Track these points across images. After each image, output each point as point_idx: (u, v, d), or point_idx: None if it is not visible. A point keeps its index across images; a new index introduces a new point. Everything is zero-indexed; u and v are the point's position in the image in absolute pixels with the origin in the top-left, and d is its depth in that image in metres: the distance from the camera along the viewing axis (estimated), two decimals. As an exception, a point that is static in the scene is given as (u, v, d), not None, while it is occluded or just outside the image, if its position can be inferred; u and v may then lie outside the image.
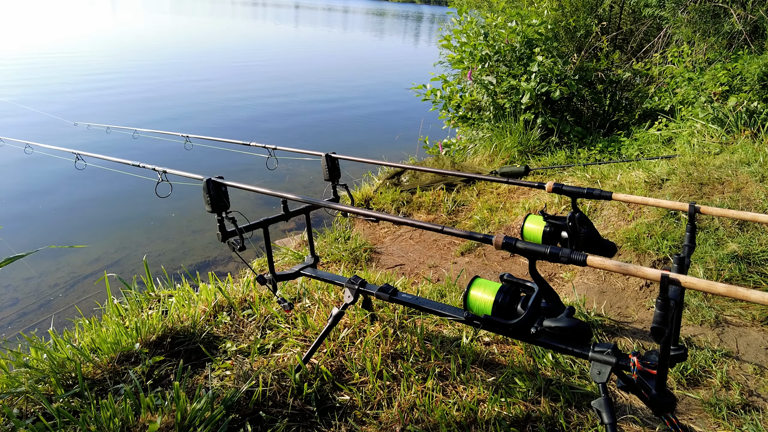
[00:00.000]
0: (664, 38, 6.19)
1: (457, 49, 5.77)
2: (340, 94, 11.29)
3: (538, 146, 5.17)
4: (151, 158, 2.01)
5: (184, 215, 4.77)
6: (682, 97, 5.01)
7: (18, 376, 1.81)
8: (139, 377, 1.81)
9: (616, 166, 4.18)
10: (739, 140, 4.17)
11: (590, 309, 2.45)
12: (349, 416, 1.69)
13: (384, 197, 4.39)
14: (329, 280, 1.91)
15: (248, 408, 1.68)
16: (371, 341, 1.99)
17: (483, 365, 1.94)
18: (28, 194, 5.16)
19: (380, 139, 7.97)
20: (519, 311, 1.39)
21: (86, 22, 22.59)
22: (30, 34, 16.82)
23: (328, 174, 2.08)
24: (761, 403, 1.84)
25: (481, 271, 3.20)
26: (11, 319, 3.31)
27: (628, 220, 3.23)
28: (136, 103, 8.87)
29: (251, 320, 2.22)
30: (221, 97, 9.83)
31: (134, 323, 2.07)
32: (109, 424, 1.51)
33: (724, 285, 1.03)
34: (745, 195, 3.17)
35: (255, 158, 2.67)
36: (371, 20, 42.33)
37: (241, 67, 13.74)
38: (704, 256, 2.70)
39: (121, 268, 3.89)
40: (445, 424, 1.61)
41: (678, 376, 1.95)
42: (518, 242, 1.24)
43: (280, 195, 1.60)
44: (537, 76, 5.11)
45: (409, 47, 24.14)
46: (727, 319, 2.34)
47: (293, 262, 3.27)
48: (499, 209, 4.05)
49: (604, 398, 1.21)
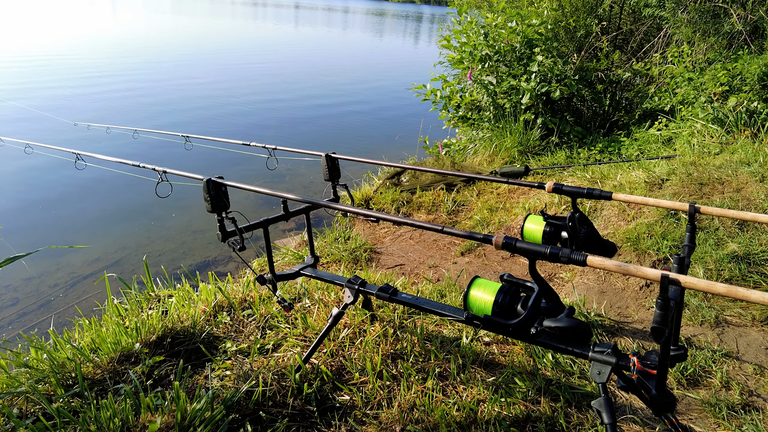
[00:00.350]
0: (664, 38, 6.19)
1: (457, 49, 5.77)
2: (341, 94, 11.29)
3: (538, 146, 5.17)
4: (152, 158, 2.01)
5: (184, 215, 4.77)
6: (682, 97, 5.01)
7: (18, 376, 1.81)
8: (139, 377, 1.81)
9: (616, 166, 4.18)
10: (739, 140, 4.17)
11: (590, 309, 2.45)
12: (349, 416, 1.69)
13: (384, 197, 4.39)
14: (329, 280, 1.91)
15: (248, 408, 1.68)
16: (371, 341, 1.99)
17: (483, 365, 1.94)
18: (28, 194, 5.16)
19: (380, 139, 7.97)
20: (519, 311, 1.39)
21: (86, 23, 22.59)
22: (30, 35, 16.81)
23: (328, 174, 2.08)
24: (761, 403, 1.84)
25: (481, 271, 3.20)
26: (11, 319, 3.31)
27: (628, 220, 3.23)
28: (136, 103, 8.88)
29: (251, 320, 2.22)
30: (222, 97, 9.83)
31: (134, 323, 2.07)
32: (109, 424, 1.51)
33: (724, 285, 1.03)
34: (745, 195, 3.17)
35: (255, 158, 2.67)
36: (371, 20, 42.33)
37: (241, 68, 13.74)
38: (704, 256, 2.70)
39: (121, 268, 3.89)
40: (445, 424, 1.61)
41: (678, 376, 1.95)
42: (518, 242, 1.24)
43: (280, 195, 1.60)
44: (537, 76, 5.11)
45: (409, 47, 24.14)
46: (727, 319, 2.34)
47: (293, 262, 3.27)
48: (499, 209, 4.05)
49: (604, 398, 1.21)
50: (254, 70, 13.43)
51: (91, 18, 25.01)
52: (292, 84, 11.88)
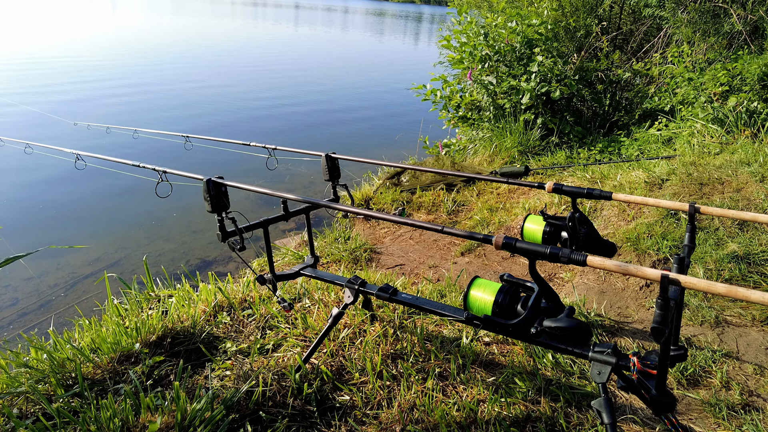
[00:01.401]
0: (664, 38, 6.19)
1: (457, 50, 5.78)
2: (341, 94, 11.29)
3: (538, 146, 5.17)
4: (152, 158, 2.01)
5: (184, 215, 4.77)
6: (682, 97, 5.01)
7: (18, 376, 1.81)
8: (139, 377, 1.81)
9: (616, 166, 4.19)
10: (739, 140, 4.17)
11: (590, 309, 2.45)
12: (349, 416, 1.69)
13: (384, 197, 4.39)
14: (329, 280, 1.91)
15: (248, 408, 1.68)
16: (371, 341, 1.98)
17: (483, 365, 1.94)
18: (29, 194, 5.16)
19: (380, 139, 7.97)
20: (519, 311, 1.39)
21: (85, 23, 22.59)
22: (30, 35, 16.82)
23: (328, 174, 2.08)
24: (761, 403, 1.83)
25: (481, 271, 3.20)
26: (11, 319, 3.31)
27: (628, 220, 3.23)
28: (136, 103, 8.89)
29: (251, 320, 2.22)
30: (223, 97, 9.83)
31: (134, 323, 2.07)
32: (109, 425, 1.51)
33: (724, 285, 1.03)
34: (745, 195, 3.17)
35: (255, 158, 2.67)
36: (371, 20, 42.33)
37: (241, 67, 13.74)
38: (704, 256, 2.70)
39: (121, 268, 3.89)
40: (445, 424, 1.61)
41: (678, 376, 1.95)
42: (518, 242, 1.24)
43: (280, 195, 1.60)
44: (537, 76, 5.11)
45: (409, 47, 24.14)
46: (727, 319, 2.34)
47: (293, 262, 3.27)
48: (499, 209, 4.05)
49: (604, 398, 1.21)
50: (254, 71, 13.42)
51: (90, 18, 25.01)
52: (292, 84, 11.88)
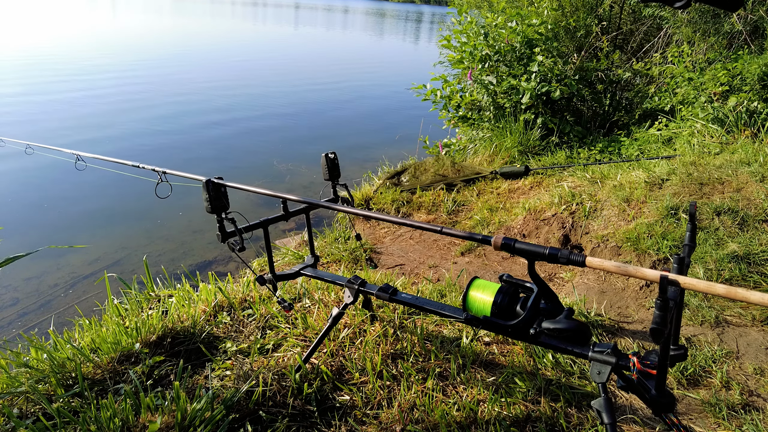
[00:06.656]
0: (664, 38, 6.19)
1: (457, 49, 5.77)
2: (341, 94, 11.29)
3: (538, 146, 5.16)
4: (152, 159, 2.00)
5: (184, 215, 4.78)
6: (682, 97, 5.00)
7: (18, 376, 1.81)
8: (139, 377, 1.81)
9: (616, 166, 4.19)
10: (739, 140, 4.17)
11: (590, 309, 2.45)
12: (349, 416, 1.69)
13: (384, 197, 4.39)
14: (329, 280, 1.91)
15: (248, 408, 1.68)
16: (371, 341, 1.99)
17: (483, 365, 1.94)
18: (29, 194, 5.16)
19: (380, 138, 7.96)
20: (518, 312, 1.39)
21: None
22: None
23: (328, 174, 2.08)
24: (761, 403, 1.84)
25: (481, 272, 3.20)
26: (11, 319, 3.31)
27: (629, 220, 3.23)
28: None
29: (251, 320, 2.22)
30: (224, 98, 9.83)
31: (134, 323, 2.07)
32: (109, 424, 1.51)
33: (723, 286, 1.03)
34: (746, 195, 3.17)
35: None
36: (371, 20, 42.32)
37: (240, 68, 13.74)
38: (704, 256, 2.70)
39: (121, 268, 3.89)
40: (445, 424, 1.61)
41: (678, 376, 1.95)
42: (517, 243, 1.24)
43: (280, 195, 1.60)
44: (537, 76, 5.11)
45: (409, 47, 24.13)
46: (727, 319, 2.34)
47: (293, 262, 3.27)
48: (499, 209, 4.05)
49: (604, 398, 1.21)
50: (253, 70, 13.43)
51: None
52: (292, 84, 11.88)
